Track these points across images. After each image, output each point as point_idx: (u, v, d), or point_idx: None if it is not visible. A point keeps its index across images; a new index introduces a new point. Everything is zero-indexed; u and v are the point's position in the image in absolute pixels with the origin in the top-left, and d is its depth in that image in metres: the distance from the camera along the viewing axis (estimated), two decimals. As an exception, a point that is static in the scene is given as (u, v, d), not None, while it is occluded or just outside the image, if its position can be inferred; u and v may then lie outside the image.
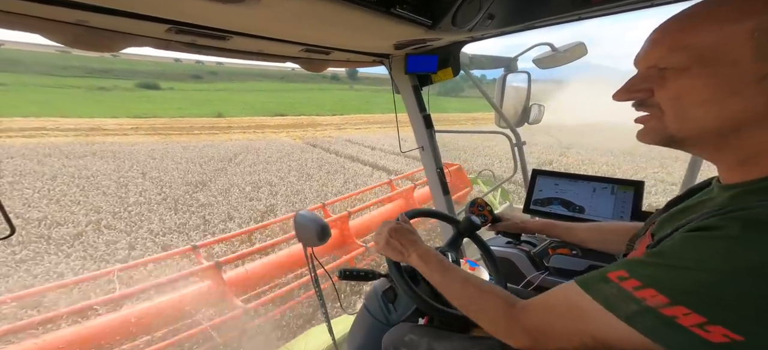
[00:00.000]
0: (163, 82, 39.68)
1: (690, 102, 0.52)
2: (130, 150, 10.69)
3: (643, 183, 1.38)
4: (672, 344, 0.45)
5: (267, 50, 1.09)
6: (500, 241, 1.49)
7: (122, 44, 0.78)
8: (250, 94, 36.98)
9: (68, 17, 0.67)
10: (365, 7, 0.79)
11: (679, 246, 0.49)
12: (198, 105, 24.96)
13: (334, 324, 1.33)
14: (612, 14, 1.11)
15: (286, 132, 16.22)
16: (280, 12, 0.76)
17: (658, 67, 0.56)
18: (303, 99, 35.49)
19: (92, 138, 12.53)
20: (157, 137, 13.44)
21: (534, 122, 1.85)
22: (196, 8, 0.70)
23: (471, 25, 1.06)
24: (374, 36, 1.12)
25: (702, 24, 0.51)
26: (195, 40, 0.86)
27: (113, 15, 0.68)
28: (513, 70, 1.84)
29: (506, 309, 0.66)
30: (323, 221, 1.07)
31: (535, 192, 1.55)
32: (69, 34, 0.69)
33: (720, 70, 0.49)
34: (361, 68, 1.57)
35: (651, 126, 0.59)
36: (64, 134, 12.77)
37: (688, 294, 0.44)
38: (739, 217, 0.46)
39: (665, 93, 0.55)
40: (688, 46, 0.51)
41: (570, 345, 0.57)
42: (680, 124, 0.55)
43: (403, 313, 1.10)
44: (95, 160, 9.24)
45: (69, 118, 16.16)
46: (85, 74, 41.44)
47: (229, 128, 16.41)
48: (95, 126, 14.83)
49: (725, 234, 0.45)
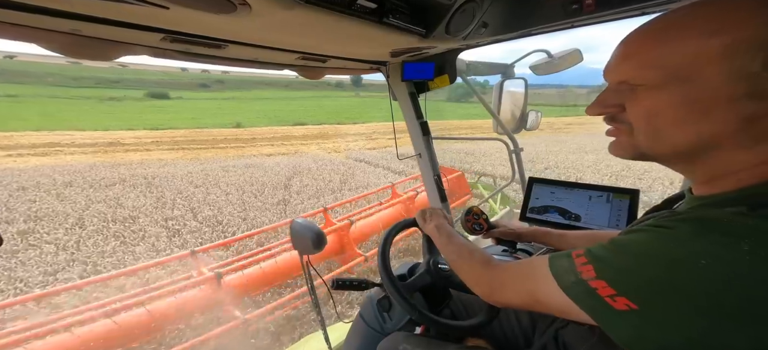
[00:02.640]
0: (171, 91, 40.37)
1: (662, 121, 0.51)
2: (164, 173, 8.82)
3: (638, 191, 1.36)
4: (585, 306, 0.52)
5: (263, 58, 1.10)
6: (496, 249, 1.48)
7: (118, 53, 0.78)
8: (259, 103, 37.57)
9: (63, 27, 0.68)
10: (358, 18, 0.79)
11: (629, 237, 0.53)
12: (211, 114, 25.32)
13: (330, 331, 1.32)
14: (604, 22, 1.10)
15: (316, 144, 15.18)
16: (272, 22, 0.77)
17: (630, 83, 0.54)
18: (313, 106, 35.99)
19: (113, 155, 11.25)
20: (181, 152, 12.28)
21: (531, 128, 1.84)
22: (189, 18, 0.71)
23: (465, 33, 1.07)
24: (370, 44, 1.12)
25: (674, 40, 0.48)
26: (189, 49, 0.87)
27: (107, 24, 0.69)
28: (510, 76, 1.83)
29: (483, 264, 0.77)
30: (319, 229, 1.07)
31: (532, 200, 1.53)
32: (65, 43, 0.70)
33: (692, 89, 0.47)
34: (365, 76, 1.58)
35: (622, 141, 0.58)
36: (81, 151, 11.65)
37: (613, 271, 0.50)
38: (691, 219, 0.48)
39: (637, 110, 0.54)
40: (661, 64, 0.49)
41: (516, 299, 0.67)
42: (651, 142, 0.54)
43: (398, 322, 1.10)
44: (127, 191, 7.27)
45: (84, 131, 15.81)
46: (95, 85, 42.25)
47: (253, 140, 15.66)
48: (113, 140, 14.01)
49: (673, 233, 0.47)
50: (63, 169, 8.97)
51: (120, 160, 10.63)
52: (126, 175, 8.51)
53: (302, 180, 8.43)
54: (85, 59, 0.74)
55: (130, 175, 8.52)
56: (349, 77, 77.72)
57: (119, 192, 7.25)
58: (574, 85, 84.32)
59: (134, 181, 8.02)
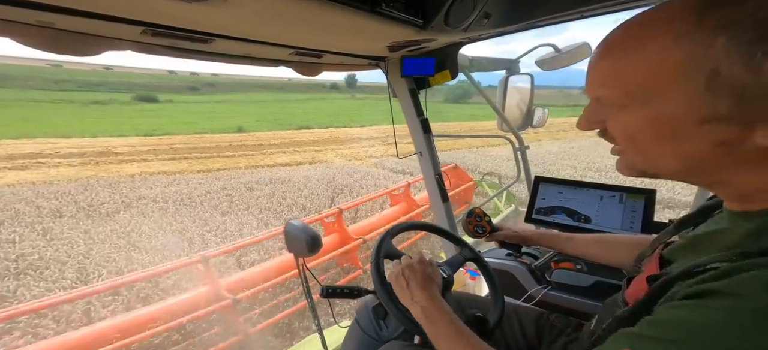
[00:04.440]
0: (160, 94, 40.36)
1: (642, 141, 0.49)
2: (176, 194, 7.37)
3: (654, 191, 1.34)
4: None
5: (254, 53, 1.08)
6: (500, 253, 1.47)
7: (97, 48, 0.77)
8: (254, 106, 37.44)
9: (28, 18, 0.66)
10: (350, 7, 0.78)
11: (680, 317, 0.43)
12: (207, 118, 24.85)
13: (326, 335, 1.35)
14: (617, 12, 1.08)
15: (332, 150, 14.13)
16: (260, 11, 0.75)
17: (601, 101, 0.52)
18: (311, 109, 35.98)
19: (105, 168, 9.90)
20: (185, 163, 10.93)
21: (538, 125, 1.84)
22: (171, 8, 0.70)
23: (465, 24, 1.05)
24: (365, 37, 1.11)
25: (629, 54, 0.46)
26: (174, 43, 0.86)
27: (79, 16, 0.67)
28: (515, 71, 1.83)
29: None
30: (314, 231, 1.09)
31: (538, 200, 1.52)
32: (40, 37, 0.68)
33: (654, 109, 0.45)
34: (359, 77, 1.57)
35: (623, 159, 0.56)
36: (67, 162, 10.17)
37: None
38: (750, 284, 0.39)
39: (614, 129, 0.52)
40: (618, 84, 0.47)
41: None
42: (644, 160, 0.52)
43: (394, 330, 1.09)
44: (137, 222, 5.78)
45: (69, 138, 14.56)
46: (78, 88, 42.17)
47: (261, 146, 14.64)
48: (104, 148, 12.72)
49: (732, 304, 0.38)
50: (49, 189, 7.56)
51: (115, 173, 9.33)
52: (129, 198, 7.08)
53: (349, 201, 6.27)
54: (63, 54, 0.72)
55: (136, 198, 7.05)
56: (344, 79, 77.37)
57: (126, 223, 5.77)
58: (563, 86, 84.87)
59: (142, 207, 6.60)
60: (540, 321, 1.06)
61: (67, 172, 9.24)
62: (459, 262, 1.09)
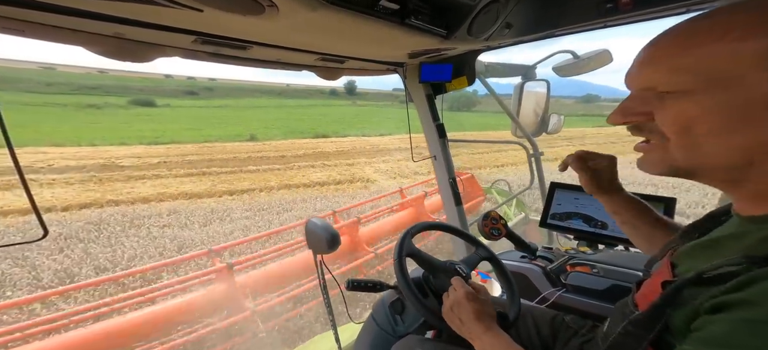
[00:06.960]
0: (158, 99, 40.49)
1: (699, 131, 0.50)
2: (222, 235, 5.56)
3: (674, 200, 1.40)
4: None
5: (285, 59, 1.20)
6: (515, 255, 1.55)
7: (153, 55, 0.89)
8: (256, 111, 37.38)
9: (107, 30, 0.78)
10: (380, 19, 0.87)
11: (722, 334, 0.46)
12: (211, 124, 24.22)
13: (340, 332, 1.42)
14: (642, 21, 1.09)
15: (366, 163, 12.96)
16: (298, 23, 0.86)
17: (657, 90, 0.54)
18: (316, 114, 35.78)
19: (112, 186, 8.09)
20: (207, 182, 9.13)
21: (553, 132, 1.92)
22: (219, 20, 0.81)
23: (487, 34, 1.13)
24: (388, 45, 1.21)
25: (707, 42, 0.48)
26: (218, 50, 0.98)
27: (146, 27, 0.80)
28: (531, 78, 1.92)
29: None
30: (334, 229, 1.16)
31: (554, 206, 1.61)
32: (108, 46, 0.80)
33: (729, 95, 0.47)
34: (358, 84, 1.68)
35: (654, 156, 0.58)
36: (65, 180, 8.39)
37: None
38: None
39: (667, 119, 0.53)
40: (692, 68, 0.49)
41: None
42: (687, 154, 0.53)
43: (410, 325, 1.17)
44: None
45: (64, 146, 12.91)
46: (71, 91, 42.36)
47: (283, 158, 13.31)
48: (106, 160, 11.13)
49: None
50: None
51: (127, 197, 7.37)
52: (160, 241, 4.91)
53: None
54: (126, 60, 0.84)
55: (178, 246, 4.80)
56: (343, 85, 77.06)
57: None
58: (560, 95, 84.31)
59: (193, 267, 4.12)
60: (555, 322, 1.12)
61: (65, 194, 7.22)
62: (475, 261, 1.21)
